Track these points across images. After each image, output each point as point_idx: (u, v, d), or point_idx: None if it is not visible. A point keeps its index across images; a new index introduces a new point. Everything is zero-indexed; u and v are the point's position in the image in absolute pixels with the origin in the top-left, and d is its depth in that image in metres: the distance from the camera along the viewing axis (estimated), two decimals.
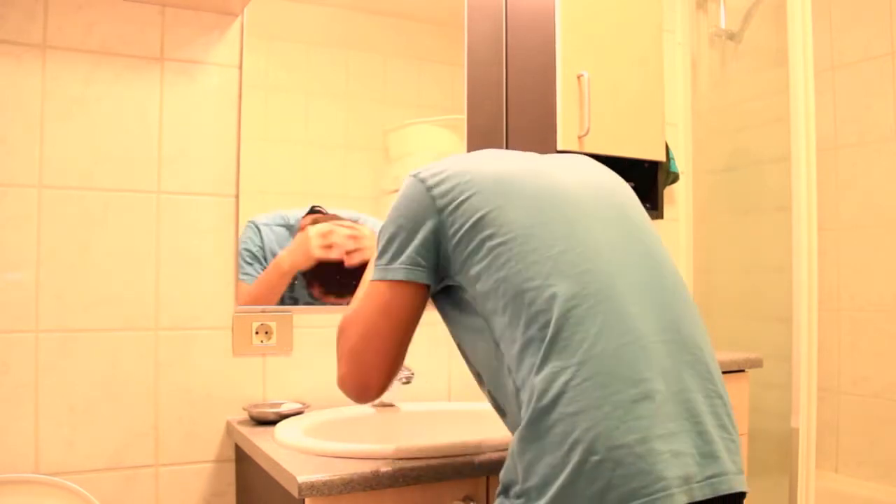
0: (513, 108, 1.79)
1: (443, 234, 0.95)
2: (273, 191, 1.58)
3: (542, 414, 0.81)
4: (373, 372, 0.99)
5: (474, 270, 0.92)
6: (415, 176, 1.00)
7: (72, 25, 1.38)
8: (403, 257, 0.96)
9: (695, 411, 0.83)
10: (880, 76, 2.22)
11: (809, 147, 1.65)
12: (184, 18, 1.47)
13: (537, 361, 0.83)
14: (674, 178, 2.08)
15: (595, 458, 0.77)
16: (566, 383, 0.80)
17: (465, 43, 1.76)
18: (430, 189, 0.96)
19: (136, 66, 1.44)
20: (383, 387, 1.01)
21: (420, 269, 0.96)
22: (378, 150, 1.69)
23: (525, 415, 0.84)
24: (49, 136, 1.37)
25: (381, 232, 1.00)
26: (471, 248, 0.92)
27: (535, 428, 0.82)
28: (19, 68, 1.35)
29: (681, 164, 2.16)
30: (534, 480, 0.81)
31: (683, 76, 2.21)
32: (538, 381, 0.82)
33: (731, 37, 2.22)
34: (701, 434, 0.82)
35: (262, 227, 1.53)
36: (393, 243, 0.97)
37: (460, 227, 0.93)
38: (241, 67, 1.52)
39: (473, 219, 0.92)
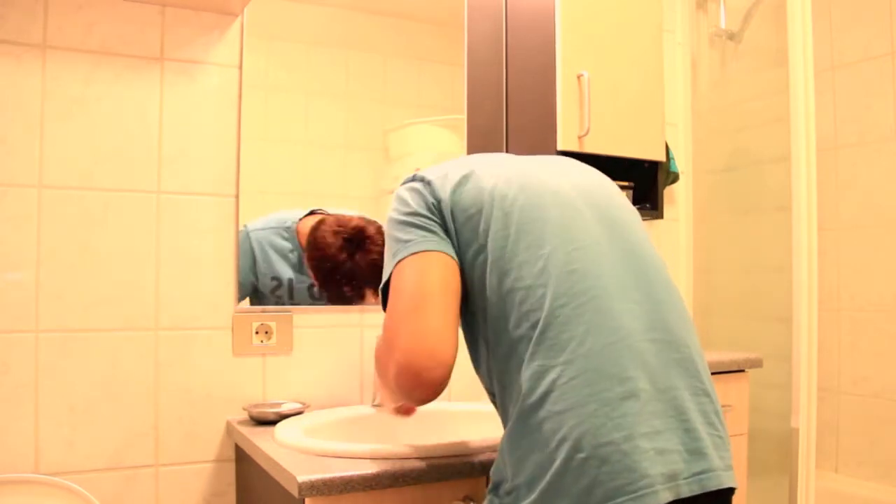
0: (513, 108, 1.79)
1: (446, 229, 0.95)
2: (273, 191, 1.58)
3: (529, 412, 0.82)
4: (435, 342, 0.85)
5: (467, 268, 0.93)
6: (412, 179, 1.00)
7: (72, 25, 1.38)
8: (423, 233, 0.93)
9: (682, 408, 0.83)
10: (880, 76, 2.22)
11: (809, 147, 1.65)
12: (184, 18, 1.47)
13: (525, 359, 0.84)
14: (674, 178, 2.08)
15: (581, 455, 0.77)
16: (553, 382, 0.81)
17: (465, 43, 1.76)
18: (429, 184, 0.97)
19: (136, 66, 1.44)
20: (452, 355, 0.87)
21: (445, 241, 0.93)
22: (378, 150, 1.70)
23: (513, 412, 0.85)
24: (49, 136, 1.37)
25: (388, 230, 0.98)
26: (461, 244, 0.93)
27: (523, 426, 0.83)
28: (19, 68, 1.35)
29: (681, 164, 2.16)
30: (522, 477, 0.82)
31: (683, 76, 2.21)
32: (525, 379, 0.83)
33: (731, 37, 2.22)
34: (688, 431, 0.82)
35: (251, 234, 1.52)
36: (407, 227, 0.94)
37: (456, 223, 0.94)
38: (241, 67, 1.52)
39: (467, 214, 0.93)
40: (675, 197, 2.19)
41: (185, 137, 1.47)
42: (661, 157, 1.79)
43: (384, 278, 0.96)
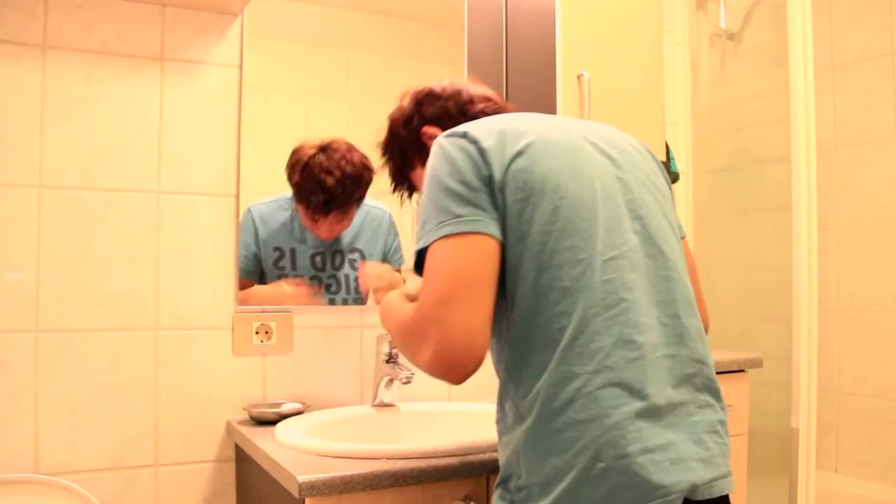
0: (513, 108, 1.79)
1: (495, 204, 0.88)
2: (273, 191, 1.58)
3: (551, 416, 0.83)
4: (472, 337, 0.83)
5: (510, 249, 0.89)
6: (462, 136, 0.92)
7: (72, 25, 1.38)
8: (474, 209, 0.86)
9: (692, 422, 0.87)
10: (880, 76, 2.23)
11: (809, 147, 1.65)
12: (184, 18, 1.47)
13: (551, 361, 0.84)
14: (674, 177, 2.08)
15: (601, 465, 0.80)
16: (578, 390, 0.82)
17: (465, 43, 1.76)
18: (483, 152, 0.89)
19: (136, 66, 1.44)
20: (486, 349, 0.86)
21: (493, 221, 0.87)
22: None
23: (534, 412, 0.85)
24: (49, 136, 1.37)
25: (432, 188, 0.90)
26: (510, 223, 0.88)
27: (545, 428, 0.83)
28: (19, 68, 1.35)
29: (681, 164, 2.16)
30: (536, 478, 0.84)
31: (683, 76, 2.21)
32: (550, 381, 0.84)
33: (731, 37, 2.22)
34: (698, 442, 0.86)
35: (252, 209, 1.54)
36: (456, 198, 0.87)
37: (505, 201, 0.88)
38: (241, 67, 1.52)
39: (516, 197, 0.88)
40: (676, 197, 2.18)
41: (185, 137, 1.47)
42: (661, 157, 1.79)
43: (422, 241, 0.89)
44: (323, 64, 1.64)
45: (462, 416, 1.52)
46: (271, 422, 1.39)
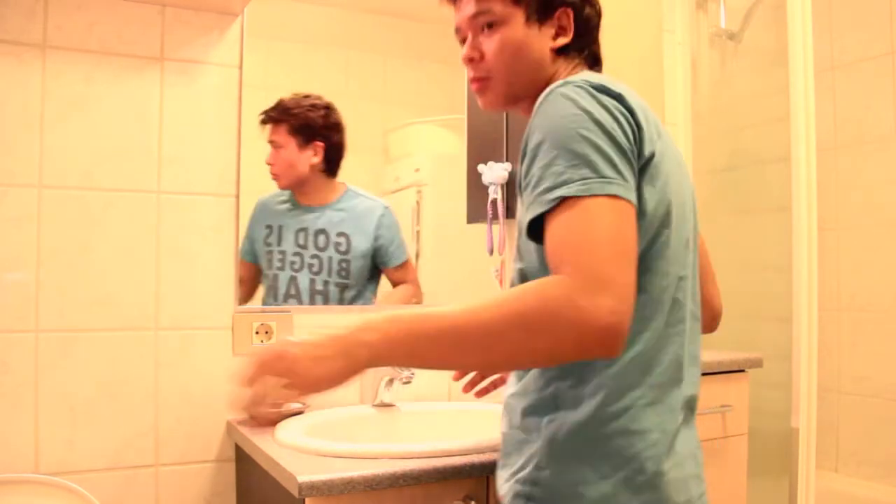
0: None
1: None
2: (273, 191, 1.58)
3: (608, 419, 0.83)
4: (634, 291, 0.74)
5: None
6: (614, 96, 0.81)
7: (72, 25, 1.38)
8: (632, 179, 0.78)
9: (689, 437, 0.91)
10: (880, 76, 2.23)
11: (809, 147, 1.65)
12: (184, 18, 1.47)
13: (616, 362, 0.83)
14: None
15: (642, 477, 0.82)
16: (635, 400, 0.84)
17: None
18: (637, 124, 0.81)
19: (136, 65, 1.43)
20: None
21: (633, 191, 0.77)
22: (378, 151, 1.70)
23: (589, 408, 0.83)
24: (49, 136, 1.36)
25: (582, 130, 0.77)
26: None
27: (597, 431, 0.83)
28: (19, 68, 1.35)
29: None
30: (568, 477, 0.83)
31: (683, 76, 2.21)
32: (612, 383, 0.83)
33: (731, 37, 2.22)
34: (692, 457, 0.91)
35: (260, 197, 1.60)
36: (622, 156, 0.77)
37: (642, 182, 0.81)
38: (241, 67, 1.52)
39: (651, 184, 0.82)
40: None
41: (185, 137, 1.47)
42: None
43: (572, 188, 0.74)
44: (323, 64, 1.64)
45: (462, 416, 1.53)
46: (271, 422, 1.39)
